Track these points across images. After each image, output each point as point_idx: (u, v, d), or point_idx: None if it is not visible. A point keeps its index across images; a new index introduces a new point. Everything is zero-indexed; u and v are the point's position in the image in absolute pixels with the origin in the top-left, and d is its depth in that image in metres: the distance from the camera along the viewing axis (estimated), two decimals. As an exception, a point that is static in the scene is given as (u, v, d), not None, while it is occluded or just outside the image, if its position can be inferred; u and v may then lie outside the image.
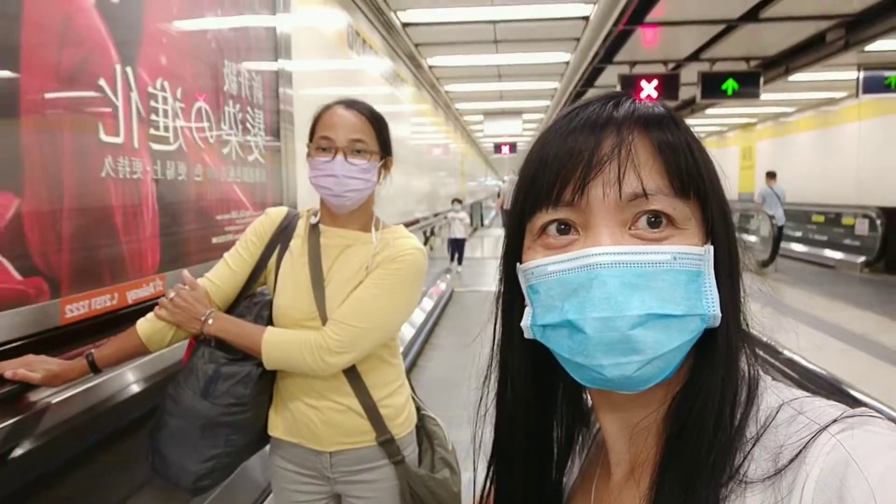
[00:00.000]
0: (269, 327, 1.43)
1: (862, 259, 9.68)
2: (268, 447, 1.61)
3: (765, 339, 0.78)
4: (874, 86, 7.76)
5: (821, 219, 11.25)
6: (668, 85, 7.94)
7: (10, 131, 1.52)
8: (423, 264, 1.48)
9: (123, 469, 1.90)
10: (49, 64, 1.64)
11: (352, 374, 1.46)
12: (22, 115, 1.55)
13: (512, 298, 0.60)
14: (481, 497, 0.68)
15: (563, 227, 0.54)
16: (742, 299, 0.56)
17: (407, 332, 5.42)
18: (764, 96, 8.07)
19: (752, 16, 6.21)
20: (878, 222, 9.46)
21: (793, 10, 6.03)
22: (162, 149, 2.16)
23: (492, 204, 26.97)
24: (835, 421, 0.47)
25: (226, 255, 1.54)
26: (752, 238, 10.54)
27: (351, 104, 1.48)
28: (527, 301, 0.57)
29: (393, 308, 1.45)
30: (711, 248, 0.53)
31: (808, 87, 10.29)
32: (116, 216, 1.92)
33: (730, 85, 7.78)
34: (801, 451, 0.46)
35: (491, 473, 0.67)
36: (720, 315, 0.52)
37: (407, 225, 7.49)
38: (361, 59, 5.51)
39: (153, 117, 2.10)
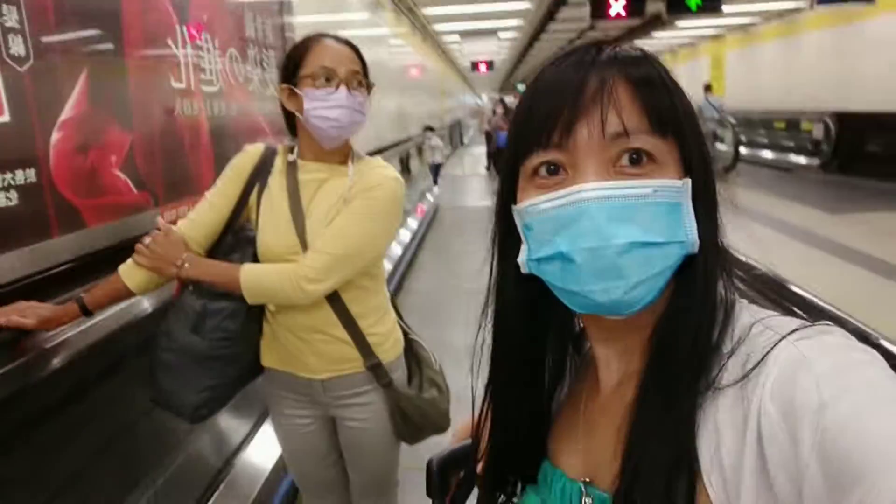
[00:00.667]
0: (246, 264, 1.45)
1: (818, 161, 10.38)
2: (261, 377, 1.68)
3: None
4: (828, -3, 8.22)
5: (782, 125, 11.87)
6: (636, 2, 8.31)
7: (122, 84, 2.08)
8: (399, 193, 1.51)
9: (125, 399, 1.96)
10: (139, 28, 2.18)
11: (337, 304, 1.49)
12: (129, 70, 2.11)
13: (506, 237, 0.65)
14: (478, 420, 0.72)
15: (552, 167, 0.58)
16: (719, 227, 0.60)
17: (395, 248, 6.05)
18: (730, 7, 8.49)
19: None
20: (832, 126, 10.11)
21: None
22: (209, 90, 2.71)
23: (471, 122, 27.11)
24: (795, 330, 0.52)
25: (207, 193, 1.55)
26: (719, 146, 11.14)
27: (336, 38, 1.48)
28: (522, 238, 0.61)
29: (369, 235, 1.46)
30: (689, 181, 0.57)
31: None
32: (186, 146, 2.50)
33: (693, 1, 8.19)
34: (763, 357, 0.51)
35: (487, 398, 0.71)
36: (698, 242, 0.57)
37: (398, 144, 7.96)
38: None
39: (202, 65, 2.65)
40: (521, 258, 0.61)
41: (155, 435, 2.05)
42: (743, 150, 11.68)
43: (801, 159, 11.07)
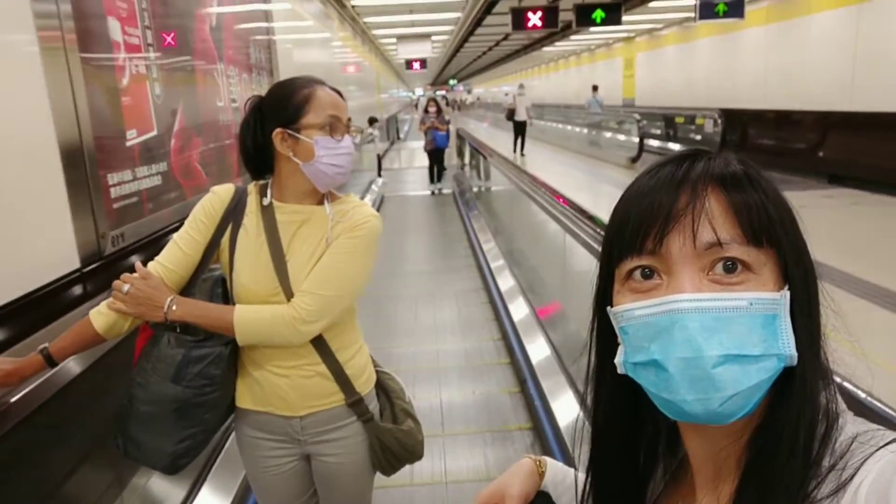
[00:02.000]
0: (239, 305, 1.44)
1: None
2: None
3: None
4: (707, 13, 9.78)
5: (682, 120, 13.52)
6: (550, 15, 9.65)
7: (196, 106, 3.16)
8: (379, 230, 1.53)
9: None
10: (203, 67, 3.26)
11: (317, 339, 1.50)
12: (199, 97, 3.19)
13: (603, 335, 0.65)
14: (582, 497, 0.73)
15: (647, 271, 0.58)
16: (821, 338, 0.59)
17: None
18: (633, 16, 9.91)
19: None
20: (719, 121, 11.77)
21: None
22: (234, 106, 3.80)
23: (405, 116, 28.08)
24: (894, 440, 0.52)
25: (175, 236, 1.51)
26: (621, 137, 12.65)
27: (322, 82, 1.51)
28: (619, 340, 0.61)
29: (357, 274, 1.49)
30: (787, 292, 0.56)
31: (664, 10, 12.28)
32: (224, 145, 3.59)
33: (598, 14, 9.59)
34: (860, 466, 0.51)
35: (588, 479, 0.72)
36: (796, 355, 0.55)
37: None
38: (302, 7, 6.96)
39: (230, 89, 3.73)
40: (618, 359, 0.61)
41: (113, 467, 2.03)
42: (652, 142, 13.28)
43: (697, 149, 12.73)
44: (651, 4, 10.39)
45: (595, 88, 16.09)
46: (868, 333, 0.59)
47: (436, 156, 11.94)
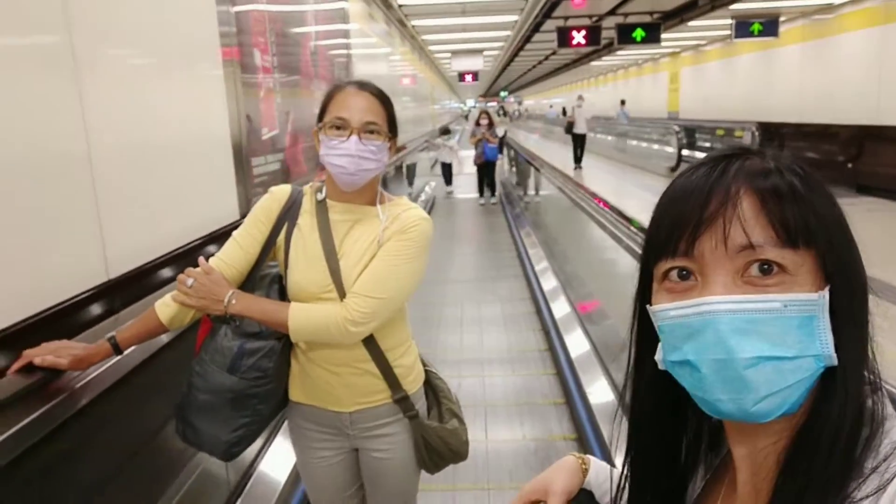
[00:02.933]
0: (294, 303, 1.49)
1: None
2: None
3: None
4: (743, 31, 10.45)
5: (722, 132, 14.09)
6: (593, 33, 10.45)
7: (301, 111, 4.12)
8: (430, 233, 1.54)
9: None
10: (305, 74, 4.23)
11: (368, 339, 1.53)
12: (301, 96, 4.16)
13: (644, 332, 0.66)
14: (618, 488, 0.73)
15: (683, 272, 0.58)
16: (869, 340, 0.58)
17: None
18: (673, 34, 10.61)
19: None
20: (756, 134, 12.34)
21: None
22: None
23: (457, 127, 29.05)
24: None
25: (234, 234, 1.57)
26: (668, 149, 13.31)
27: (363, 85, 1.52)
28: (659, 337, 0.61)
29: (407, 276, 1.52)
30: (826, 293, 0.55)
31: (702, 28, 12.96)
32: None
33: (638, 33, 10.35)
34: None
35: (625, 471, 0.72)
36: (834, 356, 0.55)
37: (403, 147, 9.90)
38: (370, 27, 7.99)
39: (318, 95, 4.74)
40: (658, 356, 0.62)
41: (170, 450, 2.05)
42: (693, 152, 13.90)
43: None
44: (690, 24, 11.09)
45: (623, 103, 17.80)
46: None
47: (486, 170, 11.57)
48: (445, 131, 12.70)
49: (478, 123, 11.59)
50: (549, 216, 9.47)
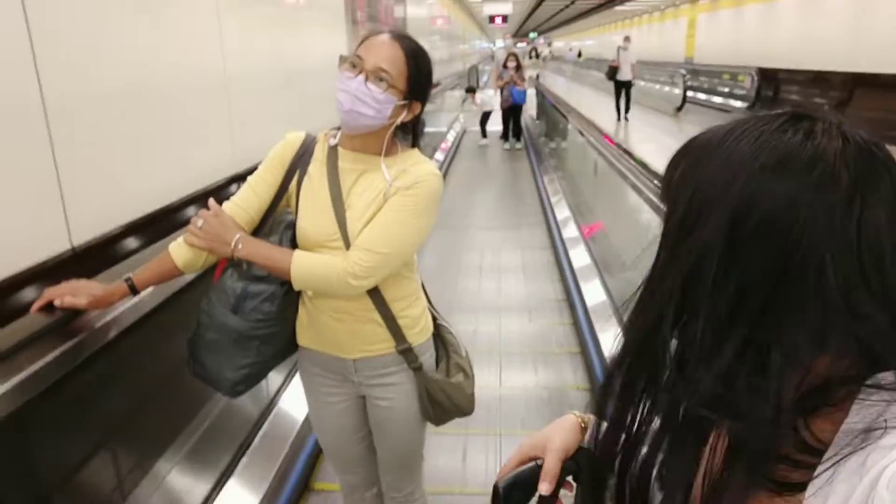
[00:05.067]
0: (297, 251, 1.49)
1: (746, 105, 13.97)
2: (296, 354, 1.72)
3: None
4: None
5: (728, 76, 15.41)
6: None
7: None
8: (439, 189, 1.53)
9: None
10: (382, 21, 5.94)
11: (372, 288, 1.54)
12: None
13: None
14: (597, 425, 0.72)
15: None
16: None
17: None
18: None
19: None
20: (755, 78, 13.69)
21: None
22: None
23: (486, 68, 30.04)
24: None
25: (249, 179, 1.59)
26: (676, 90, 14.70)
27: (398, 37, 1.50)
28: None
29: (413, 232, 1.51)
30: None
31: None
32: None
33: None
34: (886, 432, 0.50)
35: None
36: None
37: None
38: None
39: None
40: None
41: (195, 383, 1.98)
42: (700, 95, 15.28)
43: (737, 103, 14.68)
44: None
45: (626, 38, 16.34)
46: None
47: (512, 113, 11.10)
48: (471, 90, 12.15)
49: (505, 66, 11.13)
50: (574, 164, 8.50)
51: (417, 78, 1.50)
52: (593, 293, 3.99)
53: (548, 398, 3.33)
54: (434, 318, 1.74)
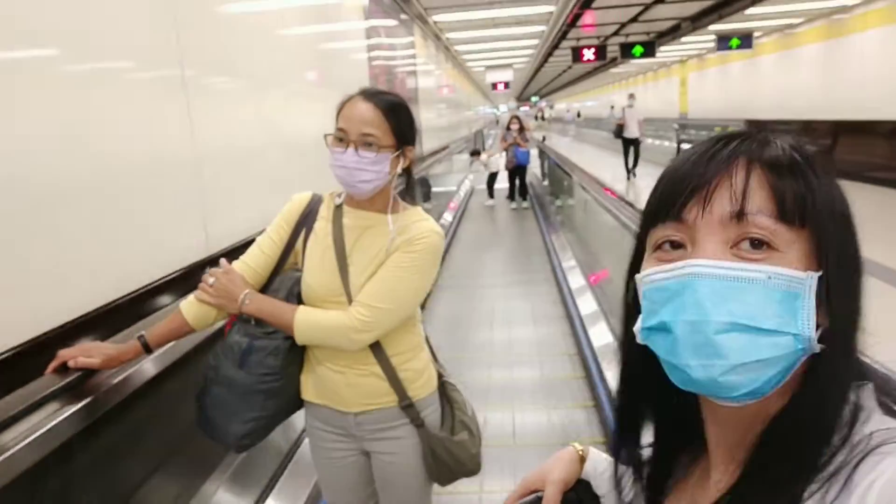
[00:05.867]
0: (301, 307, 1.53)
1: (736, 154, 14.90)
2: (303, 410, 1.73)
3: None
4: (724, 45, 12.84)
5: (719, 129, 16.38)
6: (600, 51, 12.88)
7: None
8: (440, 246, 1.56)
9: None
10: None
11: (375, 345, 1.57)
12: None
13: (633, 305, 0.64)
14: (616, 479, 0.74)
15: (675, 243, 0.58)
16: (854, 329, 0.57)
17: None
18: (668, 47, 12.97)
19: (656, 1, 10.31)
20: (744, 130, 14.65)
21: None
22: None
23: (491, 132, 31.18)
24: None
25: (258, 239, 1.64)
26: (668, 143, 15.66)
27: (371, 95, 1.52)
28: (642, 307, 0.61)
29: (414, 288, 1.55)
30: (815, 275, 0.54)
31: (691, 42, 15.41)
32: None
33: (637, 49, 12.75)
34: (867, 455, 0.50)
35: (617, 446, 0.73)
36: (815, 339, 0.53)
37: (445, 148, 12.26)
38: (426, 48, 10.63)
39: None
40: (636, 326, 0.61)
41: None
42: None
43: (730, 153, 15.62)
44: (683, 39, 13.46)
45: (611, 107, 19.64)
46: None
47: (517, 174, 11.35)
48: (475, 153, 12.77)
49: (508, 128, 11.49)
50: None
51: (401, 128, 1.54)
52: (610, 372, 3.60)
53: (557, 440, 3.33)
54: (440, 375, 1.74)
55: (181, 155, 2.35)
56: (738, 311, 0.53)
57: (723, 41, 12.79)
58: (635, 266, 0.64)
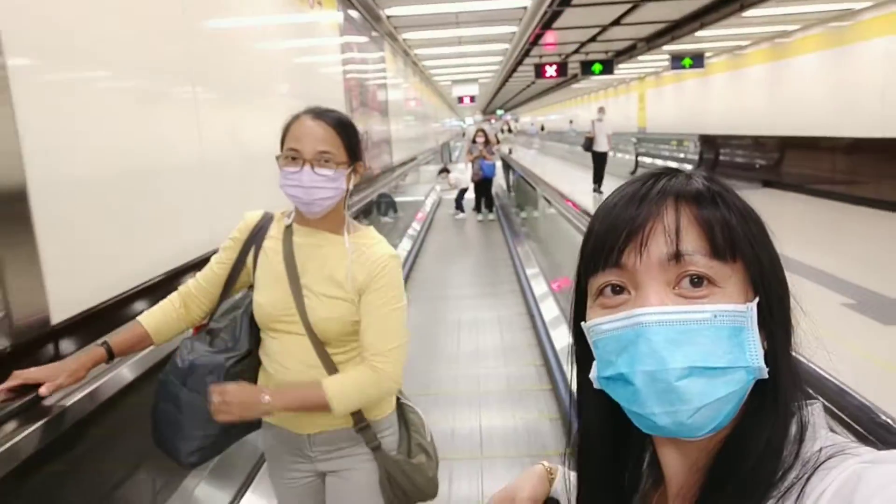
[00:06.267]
0: (326, 382, 1.50)
1: (691, 167, 15.64)
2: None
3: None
4: (677, 65, 13.57)
5: (675, 142, 17.19)
6: (562, 68, 13.49)
7: (370, 125, 7.15)
8: (399, 267, 1.59)
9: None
10: (372, 108, 7.27)
11: (328, 364, 1.56)
12: (371, 121, 7.19)
13: (581, 351, 0.65)
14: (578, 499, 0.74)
15: (616, 287, 0.59)
16: (790, 349, 0.59)
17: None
18: (625, 65, 13.68)
19: (613, 23, 10.85)
20: (698, 143, 15.42)
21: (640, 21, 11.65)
22: (377, 129, 7.83)
23: (458, 144, 31.71)
24: (857, 453, 0.52)
25: (213, 257, 1.67)
26: (628, 156, 16.36)
27: (319, 114, 1.53)
28: (594, 354, 0.61)
29: (401, 315, 1.58)
30: (754, 304, 0.56)
31: (647, 61, 16.18)
32: (381, 151, 7.61)
33: (596, 67, 13.38)
34: (821, 476, 0.51)
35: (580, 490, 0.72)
36: (765, 367, 0.56)
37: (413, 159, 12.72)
38: (395, 63, 11.07)
39: (372, 121, 7.77)
40: (592, 374, 0.61)
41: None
42: (648, 159, 16.99)
43: (685, 165, 16.38)
44: (639, 57, 14.17)
45: (570, 122, 21.52)
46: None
47: (483, 186, 11.44)
48: (444, 170, 12.89)
49: (474, 141, 11.59)
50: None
51: (351, 143, 1.56)
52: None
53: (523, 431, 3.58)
54: (398, 398, 1.73)
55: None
56: (692, 355, 0.54)
57: (676, 60, 13.54)
58: (579, 312, 0.65)
